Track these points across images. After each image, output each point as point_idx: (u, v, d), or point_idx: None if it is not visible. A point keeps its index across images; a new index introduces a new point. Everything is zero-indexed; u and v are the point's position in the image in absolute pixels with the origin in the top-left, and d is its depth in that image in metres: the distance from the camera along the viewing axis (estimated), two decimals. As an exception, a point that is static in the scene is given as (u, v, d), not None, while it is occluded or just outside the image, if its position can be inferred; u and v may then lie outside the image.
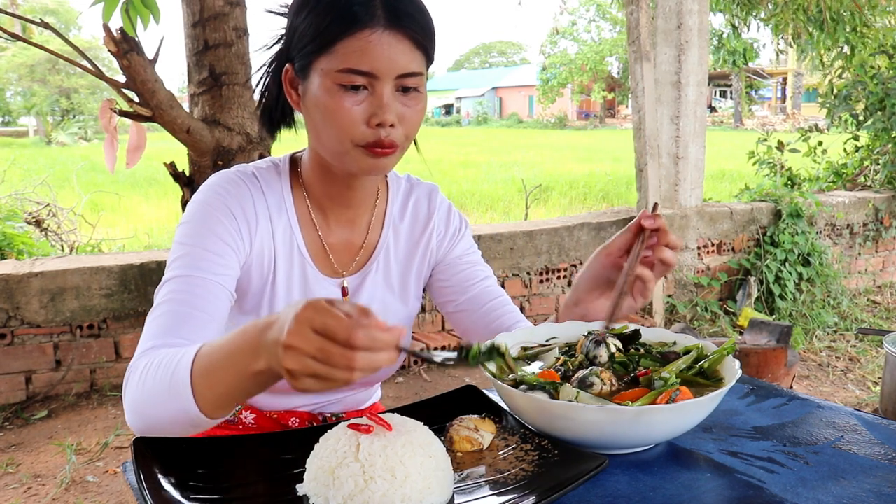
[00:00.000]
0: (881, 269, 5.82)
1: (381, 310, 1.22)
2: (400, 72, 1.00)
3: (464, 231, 1.31)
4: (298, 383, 0.74)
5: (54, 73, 30.58)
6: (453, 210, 1.31)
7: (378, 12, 0.99)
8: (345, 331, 0.71)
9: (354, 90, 1.00)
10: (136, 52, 2.44)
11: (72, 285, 3.25)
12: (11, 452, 2.88)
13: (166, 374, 0.90)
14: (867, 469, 0.85)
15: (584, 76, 38.74)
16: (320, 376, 0.73)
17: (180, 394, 0.88)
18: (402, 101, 1.03)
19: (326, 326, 0.72)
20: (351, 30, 0.98)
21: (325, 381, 0.73)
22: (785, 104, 38.90)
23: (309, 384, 0.74)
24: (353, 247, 1.21)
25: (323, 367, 0.72)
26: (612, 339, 1.04)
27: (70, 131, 26.44)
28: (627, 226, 1.17)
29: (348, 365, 0.72)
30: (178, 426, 0.90)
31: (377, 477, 0.74)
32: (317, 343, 0.72)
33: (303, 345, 0.72)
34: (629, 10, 4.38)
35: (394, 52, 0.99)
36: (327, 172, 1.12)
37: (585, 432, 0.84)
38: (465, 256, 1.30)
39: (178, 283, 1.03)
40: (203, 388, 0.87)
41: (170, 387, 0.89)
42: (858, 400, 3.65)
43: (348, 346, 0.71)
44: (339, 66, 0.99)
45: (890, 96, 5.70)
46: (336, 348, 0.72)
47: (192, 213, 1.09)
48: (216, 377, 0.86)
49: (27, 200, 5.68)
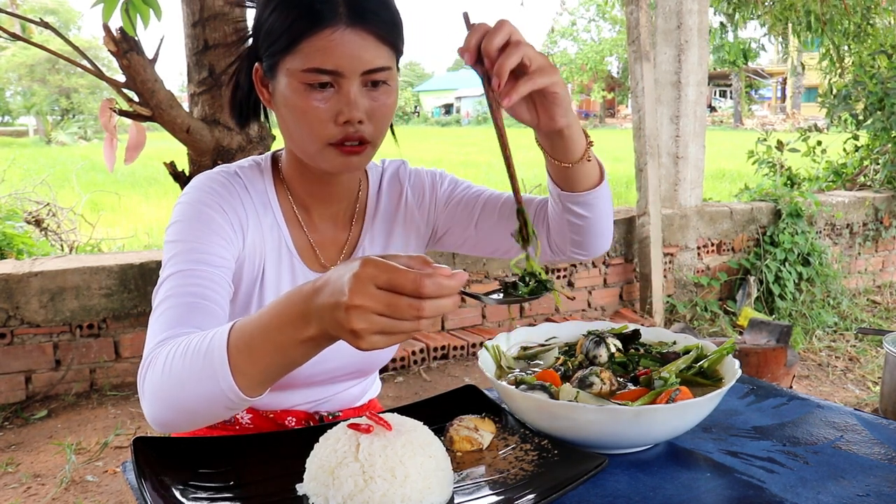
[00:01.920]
0: (881, 269, 5.82)
1: None
2: (365, 68, 1.00)
3: (439, 179, 1.29)
4: (364, 342, 0.74)
5: (54, 72, 30.58)
6: (422, 171, 1.30)
7: (340, 10, 0.99)
8: (412, 283, 0.71)
9: (321, 87, 1.00)
10: (136, 52, 2.43)
11: (71, 285, 3.25)
12: (11, 452, 2.88)
13: (198, 355, 0.86)
14: (867, 469, 0.85)
15: (584, 76, 38.74)
16: (387, 331, 0.73)
17: (217, 372, 0.84)
18: (371, 95, 1.03)
19: (392, 281, 0.71)
20: (313, 28, 0.98)
21: (393, 335, 0.74)
22: (785, 104, 38.90)
23: (375, 341, 0.73)
24: (339, 242, 1.21)
25: (390, 322, 0.72)
26: (611, 339, 1.04)
27: (70, 131, 26.44)
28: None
29: (417, 315, 0.72)
30: (211, 410, 0.86)
31: (377, 477, 0.74)
32: (384, 299, 0.72)
33: (369, 302, 0.72)
34: (629, 9, 4.38)
35: (358, 48, 0.99)
36: (306, 170, 1.13)
37: (585, 432, 0.84)
38: (454, 194, 1.27)
39: (180, 277, 1.01)
40: (243, 363, 0.84)
41: (203, 367, 0.85)
42: (858, 400, 3.65)
43: (416, 297, 0.71)
44: (304, 66, 0.99)
45: (889, 96, 5.70)
46: (404, 300, 0.71)
47: (183, 213, 1.08)
48: (258, 351, 0.83)
49: (27, 200, 5.68)
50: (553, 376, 0.95)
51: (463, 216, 1.26)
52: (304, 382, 1.21)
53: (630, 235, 4.58)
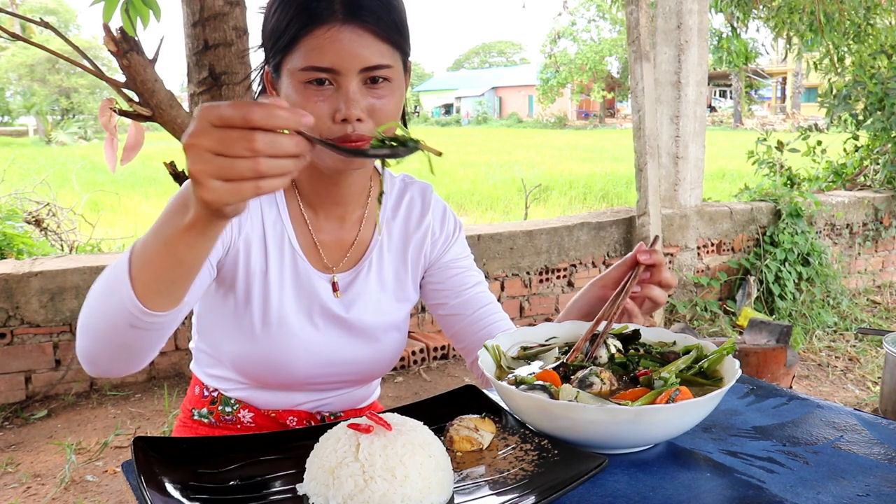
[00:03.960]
0: (881, 269, 5.82)
1: (375, 308, 1.22)
2: (363, 65, 1.00)
3: (458, 234, 1.30)
4: (205, 190, 0.70)
5: (54, 72, 30.59)
6: (448, 211, 1.31)
7: (336, 7, 0.99)
8: (240, 112, 0.68)
9: (320, 85, 1.01)
10: (136, 52, 2.43)
11: (71, 285, 3.25)
12: (11, 452, 2.88)
13: (108, 274, 0.89)
14: (867, 469, 0.85)
15: (584, 76, 38.75)
16: (224, 174, 0.69)
17: (119, 282, 0.84)
18: (373, 93, 1.02)
19: (222, 114, 0.68)
20: (309, 27, 0.99)
21: (233, 182, 0.69)
22: (784, 104, 38.90)
23: (216, 187, 0.69)
24: (344, 243, 1.20)
25: (226, 162, 0.68)
26: (612, 340, 1.04)
27: (70, 131, 26.44)
28: (624, 258, 1.15)
29: (250, 147, 0.68)
30: (118, 330, 0.86)
31: (377, 477, 0.74)
32: (216, 134, 0.68)
33: (202, 140, 0.69)
34: (629, 9, 4.38)
35: (354, 46, 0.99)
36: (314, 170, 1.12)
37: (585, 432, 0.84)
38: (459, 261, 1.29)
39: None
40: (139, 270, 0.83)
41: (110, 282, 0.87)
42: (858, 400, 3.65)
43: (247, 128, 0.68)
44: (302, 65, 1.00)
45: (889, 96, 5.70)
46: (234, 132, 0.68)
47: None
48: (150, 252, 0.83)
49: (27, 200, 5.68)
50: (553, 376, 0.95)
51: (447, 289, 1.27)
52: (305, 386, 1.21)
53: (630, 235, 4.58)
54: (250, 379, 1.20)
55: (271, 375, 1.18)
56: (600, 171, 14.14)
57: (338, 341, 1.19)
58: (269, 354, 1.16)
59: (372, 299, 1.21)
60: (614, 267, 1.17)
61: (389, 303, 1.24)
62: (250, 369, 1.18)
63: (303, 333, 1.17)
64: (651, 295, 1.11)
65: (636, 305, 1.11)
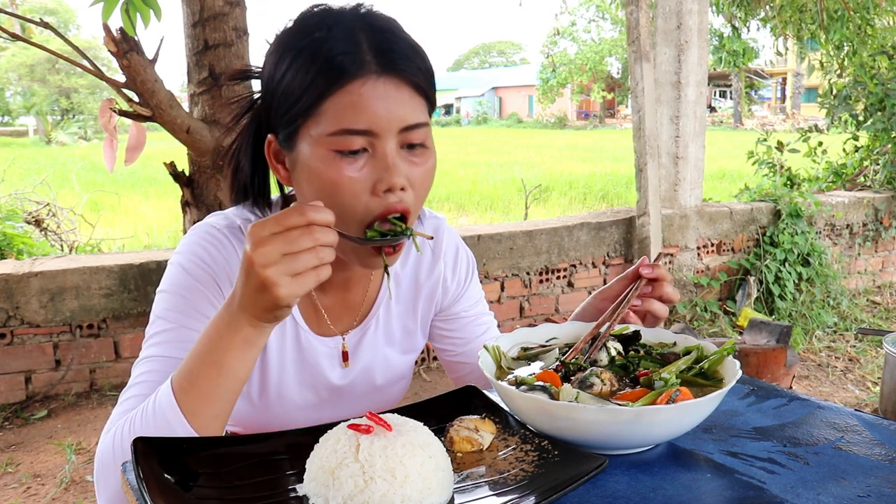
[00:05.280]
0: (881, 270, 5.82)
1: (382, 365, 1.17)
2: (402, 124, 0.88)
3: (471, 279, 1.23)
4: (280, 288, 0.78)
5: (54, 72, 30.59)
6: (460, 252, 1.21)
7: (367, 58, 0.86)
8: (298, 213, 0.78)
9: (353, 155, 0.87)
10: (136, 52, 2.43)
11: (71, 285, 3.25)
12: (11, 452, 2.88)
13: (148, 417, 0.86)
14: (867, 469, 0.85)
15: (584, 76, 38.74)
16: (295, 270, 0.77)
17: (170, 421, 0.84)
18: (409, 159, 0.90)
19: (280, 220, 0.77)
20: (339, 83, 0.85)
21: (302, 275, 0.78)
22: (784, 104, 38.91)
23: (289, 284, 0.78)
24: (351, 305, 1.12)
25: (294, 259, 0.77)
26: (612, 343, 1.03)
27: (70, 131, 26.45)
28: (626, 272, 1.12)
29: (313, 240, 0.78)
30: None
31: (377, 477, 0.74)
32: (280, 237, 0.77)
33: (268, 247, 0.77)
34: (629, 10, 4.38)
35: (392, 102, 0.86)
36: None
37: (585, 432, 0.84)
38: (471, 308, 1.24)
39: (155, 363, 0.96)
40: (192, 401, 0.84)
41: (157, 425, 0.85)
42: (858, 400, 3.65)
43: (306, 225, 0.78)
44: (332, 129, 0.86)
45: (890, 97, 5.70)
46: (296, 231, 0.77)
47: (172, 282, 1.00)
48: (201, 380, 0.84)
49: (27, 200, 5.68)
50: (553, 377, 0.94)
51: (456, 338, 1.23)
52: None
53: (630, 235, 4.58)
54: (246, 429, 1.18)
55: (270, 430, 1.16)
56: (600, 171, 14.15)
57: (342, 403, 1.16)
58: (267, 418, 1.12)
59: (379, 357, 1.16)
60: (616, 280, 1.13)
61: (395, 357, 1.19)
62: (247, 424, 1.15)
63: (304, 403, 1.12)
64: (652, 309, 1.07)
65: (638, 319, 1.09)
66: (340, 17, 0.89)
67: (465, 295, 1.23)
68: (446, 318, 1.23)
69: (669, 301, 1.09)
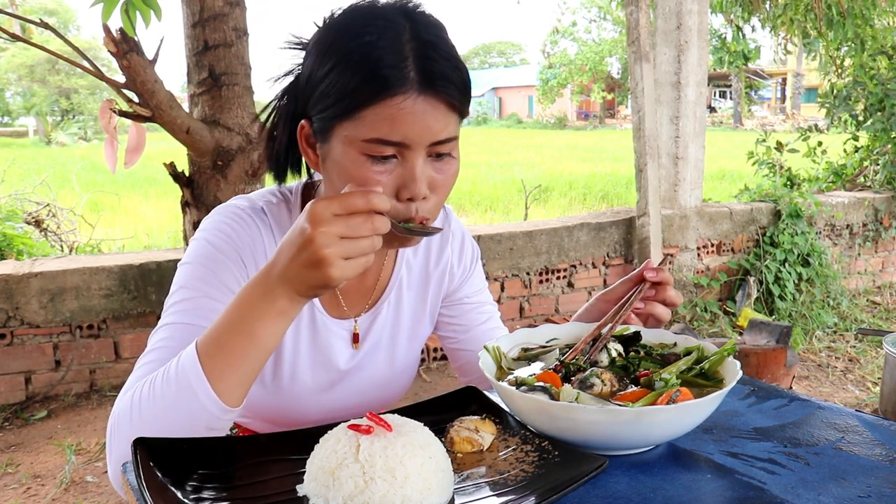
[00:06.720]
0: (881, 270, 5.82)
1: (389, 352, 1.19)
2: (433, 139, 0.92)
3: (475, 266, 1.27)
4: (334, 269, 0.80)
5: (54, 73, 30.61)
6: (466, 240, 1.26)
7: (411, 75, 0.89)
8: (363, 198, 0.81)
9: (383, 161, 0.91)
10: (136, 53, 2.43)
11: (71, 285, 3.25)
12: (11, 453, 2.88)
13: (169, 380, 0.86)
14: (868, 470, 0.85)
15: (584, 76, 38.75)
16: (351, 254, 0.80)
17: (193, 386, 0.84)
18: (435, 167, 0.95)
19: (344, 203, 0.80)
20: (381, 96, 0.88)
21: (356, 259, 0.81)
22: (784, 104, 38.92)
23: (343, 266, 0.80)
24: (366, 287, 1.15)
25: (352, 243, 0.80)
26: (612, 344, 1.04)
27: (70, 131, 26.45)
28: (630, 274, 1.13)
29: (373, 228, 0.81)
30: (193, 434, 0.86)
31: (377, 478, 0.74)
32: (343, 220, 0.80)
33: (331, 227, 0.79)
34: (629, 10, 4.38)
35: (428, 118, 0.90)
36: None
37: (586, 433, 0.84)
38: (474, 296, 1.26)
39: (176, 329, 0.97)
40: (218, 367, 0.85)
41: (179, 388, 0.85)
42: (858, 400, 3.65)
43: (368, 212, 0.81)
44: (367, 136, 0.90)
45: (889, 97, 5.70)
46: (359, 217, 0.80)
47: (197, 253, 1.02)
48: (229, 347, 0.84)
49: (27, 200, 5.68)
50: (554, 377, 0.95)
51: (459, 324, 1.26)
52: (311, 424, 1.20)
53: (630, 236, 4.58)
54: (256, 417, 1.19)
55: (279, 418, 1.16)
56: (600, 171, 14.15)
57: (350, 387, 1.18)
58: (278, 402, 1.14)
59: (386, 342, 1.19)
60: (619, 282, 1.14)
61: (403, 344, 1.21)
62: (258, 410, 1.16)
63: (316, 386, 1.14)
64: (654, 312, 1.09)
65: (640, 322, 1.10)
66: (390, 20, 0.92)
67: (468, 281, 1.26)
68: (450, 303, 1.26)
69: (672, 305, 1.10)
